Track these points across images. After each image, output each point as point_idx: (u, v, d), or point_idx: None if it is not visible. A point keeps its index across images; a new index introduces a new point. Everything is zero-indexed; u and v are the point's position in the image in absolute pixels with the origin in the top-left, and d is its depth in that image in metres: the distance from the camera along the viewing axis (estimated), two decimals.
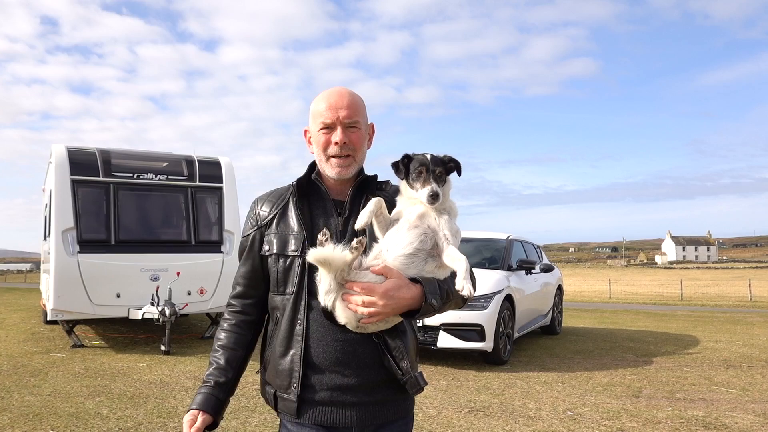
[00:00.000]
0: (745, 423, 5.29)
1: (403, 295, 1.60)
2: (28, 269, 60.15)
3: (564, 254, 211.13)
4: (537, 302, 9.94)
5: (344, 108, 1.77)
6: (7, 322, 12.38)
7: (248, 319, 1.89)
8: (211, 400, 1.77)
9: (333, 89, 1.82)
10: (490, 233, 10.26)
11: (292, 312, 1.75)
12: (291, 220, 1.81)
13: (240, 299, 1.89)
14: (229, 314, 1.90)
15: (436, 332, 7.59)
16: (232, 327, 1.88)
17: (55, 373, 7.05)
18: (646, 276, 55.80)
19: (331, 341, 1.71)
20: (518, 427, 5.13)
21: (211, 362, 1.85)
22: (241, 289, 1.89)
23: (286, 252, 1.78)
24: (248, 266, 1.87)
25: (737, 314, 17.34)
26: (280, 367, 1.75)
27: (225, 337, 1.86)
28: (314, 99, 1.85)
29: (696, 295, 27.58)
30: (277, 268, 1.79)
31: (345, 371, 1.71)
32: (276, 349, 1.77)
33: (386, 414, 1.76)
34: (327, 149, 1.78)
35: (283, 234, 1.80)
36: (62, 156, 8.97)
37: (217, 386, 1.80)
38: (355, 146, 1.79)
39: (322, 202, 1.83)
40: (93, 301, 8.63)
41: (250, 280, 1.87)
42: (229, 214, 9.80)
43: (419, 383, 1.71)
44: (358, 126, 1.80)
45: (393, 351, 1.70)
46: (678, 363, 8.33)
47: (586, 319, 15.08)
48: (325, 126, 1.78)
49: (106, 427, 4.95)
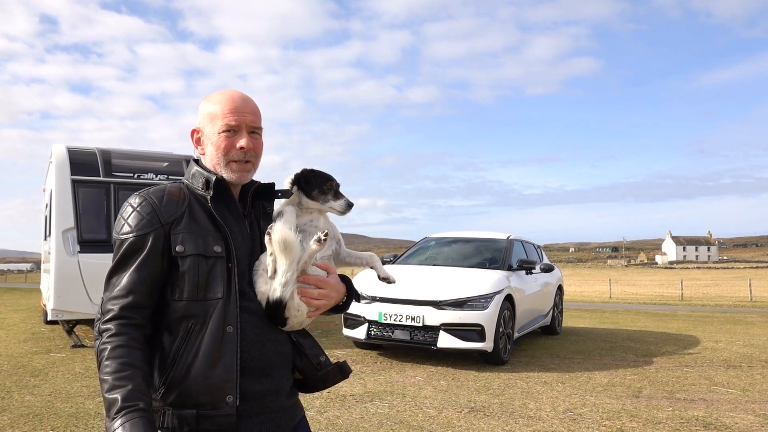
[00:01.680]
0: (745, 423, 5.29)
1: (341, 291, 1.78)
2: (28, 269, 60.17)
3: (564, 254, 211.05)
4: (537, 302, 9.93)
5: (249, 113, 1.71)
6: (7, 322, 12.38)
7: (147, 333, 1.58)
8: (150, 427, 1.42)
9: (233, 92, 1.74)
10: (490, 233, 10.27)
11: (220, 317, 1.57)
12: (203, 219, 1.65)
13: (137, 309, 1.56)
14: (125, 327, 1.54)
15: (436, 332, 7.59)
16: (134, 342, 1.53)
17: (56, 373, 7.05)
18: (647, 276, 55.79)
19: (266, 342, 1.65)
20: (518, 427, 5.13)
21: (119, 382, 1.45)
22: (138, 298, 1.56)
23: (207, 253, 1.60)
24: (148, 271, 1.58)
25: (737, 314, 17.34)
26: (209, 381, 1.54)
27: (132, 355, 1.50)
28: (208, 98, 1.75)
29: (696, 295, 27.58)
30: (198, 271, 1.59)
31: (275, 373, 1.67)
32: (198, 364, 1.54)
33: (297, 414, 1.78)
34: (229, 153, 1.70)
35: (200, 233, 1.62)
36: (62, 156, 8.97)
37: (147, 410, 1.45)
38: (256, 153, 1.73)
39: (231, 204, 1.74)
40: (93, 301, 8.62)
41: (150, 288, 1.58)
42: None
43: (347, 366, 1.82)
44: (259, 133, 1.75)
45: (307, 349, 1.76)
46: (678, 363, 8.33)
47: (586, 319, 15.08)
48: (230, 129, 1.68)
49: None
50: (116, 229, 1.65)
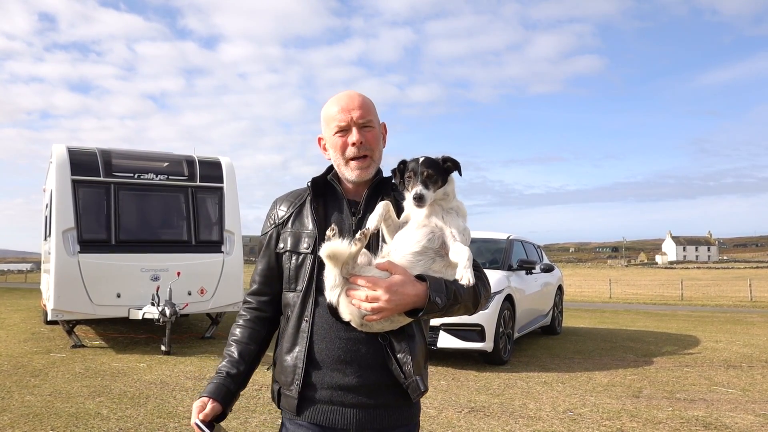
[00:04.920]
0: (745, 423, 5.29)
1: (408, 292, 1.58)
2: (28, 269, 60.16)
3: (564, 254, 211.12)
4: (537, 302, 9.93)
5: (356, 109, 1.79)
6: (8, 322, 12.38)
7: (263, 315, 1.91)
8: (222, 389, 1.78)
9: (342, 93, 1.85)
10: (490, 233, 10.26)
11: (300, 309, 1.77)
12: (306, 219, 1.84)
13: (256, 296, 1.92)
14: (245, 310, 1.94)
15: (436, 332, 7.59)
16: (247, 323, 1.91)
17: (56, 373, 7.05)
18: (647, 276, 55.76)
19: (334, 339, 1.71)
20: (518, 427, 5.13)
21: (224, 355, 1.88)
22: (257, 287, 1.92)
23: (298, 249, 1.81)
24: (264, 263, 1.91)
25: (737, 314, 17.34)
26: (285, 363, 1.77)
27: (239, 332, 1.90)
28: (324, 106, 1.87)
29: (696, 296, 27.56)
30: (290, 265, 1.82)
31: (346, 370, 1.69)
32: (283, 346, 1.80)
33: (387, 419, 1.72)
34: (345, 152, 1.80)
35: (297, 232, 1.83)
36: (63, 156, 8.98)
37: (229, 377, 1.82)
38: (371, 145, 1.81)
39: (337, 202, 1.85)
40: (93, 301, 8.64)
41: (266, 278, 1.90)
42: (230, 214, 9.80)
43: (419, 387, 1.70)
44: (372, 125, 1.82)
45: (398, 353, 1.68)
46: (678, 363, 8.33)
47: (586, 319, 15.08)
48: (340, 129, 1.79)
49: (106, 427, 4.95)
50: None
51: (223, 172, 9.98)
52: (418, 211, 1.70)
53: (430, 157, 1.71)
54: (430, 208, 1.69)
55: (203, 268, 9.36)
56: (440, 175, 1.70)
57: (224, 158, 10.24)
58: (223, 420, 1.77)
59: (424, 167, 1.68)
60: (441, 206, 1.71)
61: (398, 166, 1.76)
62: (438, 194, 1.70)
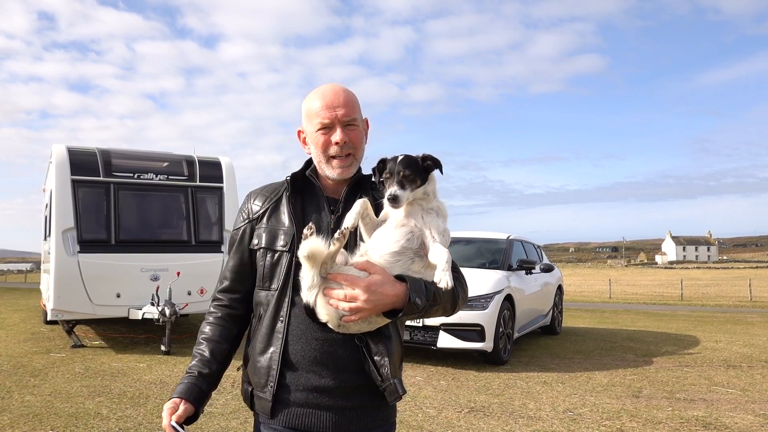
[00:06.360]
0: (745, 423, 5.29)
1: (386, 291, 1.54)
2: (28, 269, 60.09)
3: (564, 254, 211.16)
4: (537, 302, 9.94)
5: (341, 106, 1.73)
6: (7, 322, 12.38)
7: (234, 313, 1.85)
8: (194, 390, 1.72)
9: (326, 87, 1.79)
10: (490, 233, 10.27)
11: (275, 308, 1.71)
12: (282, 215, 1.78)
13: (227, 293, 1.86)
14: (215, 308, 1.86)
15: (436, 332, 7.59)
16: (218, 320, 1.84)
17: (55, 373, 7.05)
18: (647, 276, 55.78)
19: (310, 339, 1.66)
20: (518, 427, 5.13)
21: (194, 354, 1.81)
22: (228, 284, 1.86)
23: (274, 247, 1.75)
24: (236, 260, 1.84)
25: (737, 314, 17.34)
26: (259, 364, 1.72)
27: (210, 330, 1.83)
28: (306, 98, 1.81)
29: (696, 295, 27.57)
30: (264, 263, 1.76)
31: (322, 372, 1.66)
32: (256, 346, 1.74)
33: (364, 420, 1.69)
34: (327, 150, 1.75)
35: (273, 229, 1.77)
36: (63, 156, 8.97)
37: (201, 377, 1.75)
38: (355, 144, 1.76)
39: (315, 199, 1.80)
40: (93, 301, 8.64)
41: (238, 275, 1.84)
42: (230, 214, 9.79)
43: (398, 390, 1.64)
44: (356, 124, 1.77)
45: (374, 355, 1.64)
46: (678, 363, 8.33)
47: (586, 319, 15.08)
48: (324, 126, 1.74)
49: (106, 427, 4.95)
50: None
51: (222, 172, 9.98)
52: (396, 210, 1.66)
53: (410, 155, 1.67)
54: (409, 208, 1.65)
55: (203, 268, 9.35)
56: (419, 174, 1.65)
57: (224, 158, 10.24)
58: (195, 421, 1.72)
59: (402, 167, 1.63)
60: (421, 206, 1.67)
61: (378, 165, 1.72)
62: (417, 194, 1.65)
